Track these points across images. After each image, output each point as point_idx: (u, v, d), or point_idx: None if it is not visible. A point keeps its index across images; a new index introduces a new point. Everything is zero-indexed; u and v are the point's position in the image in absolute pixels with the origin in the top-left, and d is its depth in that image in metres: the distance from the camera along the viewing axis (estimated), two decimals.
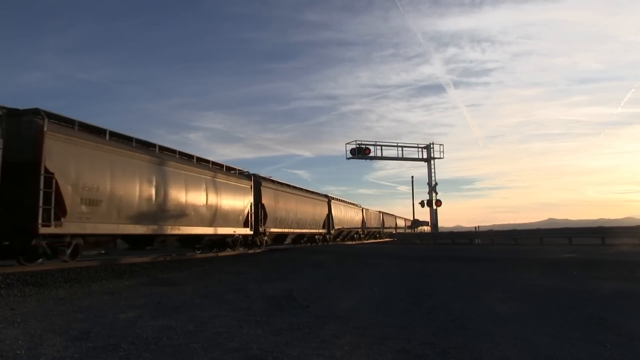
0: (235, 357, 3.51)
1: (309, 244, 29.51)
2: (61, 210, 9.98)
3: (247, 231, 19.48)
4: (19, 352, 3.59)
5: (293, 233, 26.40)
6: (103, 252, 14.98)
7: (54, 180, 9.71)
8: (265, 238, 22.00)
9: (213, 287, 7.87)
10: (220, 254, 17.81)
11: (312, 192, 30.36)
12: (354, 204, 40.71)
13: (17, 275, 8.74)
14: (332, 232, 33.09)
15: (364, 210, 43.16)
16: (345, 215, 36.66)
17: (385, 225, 52.42)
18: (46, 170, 9.56)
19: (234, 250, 18.86)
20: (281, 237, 25.35)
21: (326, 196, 32.68)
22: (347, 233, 38.60)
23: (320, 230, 30.85)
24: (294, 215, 25.54)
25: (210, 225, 16.53)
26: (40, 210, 9.44)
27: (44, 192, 9.50)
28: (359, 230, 41.57)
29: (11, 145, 9.15)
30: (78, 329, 4.42)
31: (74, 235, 10.69)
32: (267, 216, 21.67)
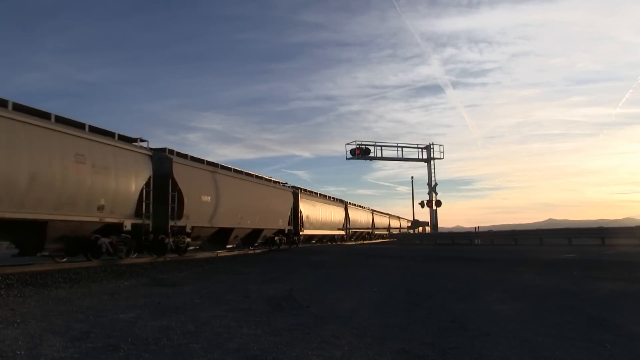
0: (235, 357, 3.51)
1: (329, 243, 32.83)
2: (182, 210, 14.17)
3: (290, 228, 24.34)
4: (18, 352, 3.59)
5: (321, 233, 30.04)
6: (197, 247, 17.37)
7: (177, 188, 14.00)
8: (302, 237, 27.18)
9: (213, 288, 7.87)
10: (220, 254, 17.80)
11: (334, 199, 34.14)
12: (364, 207, 42.92)
13: (17, 275, 8.74)
14: (350, 232, 36.31)
15: (373, 213, 45.16)
16: (359, 218, 39.45)
17: (391, 226, 53.85)
18: (173, 182, 13.89)
19: (279, 247, 22.72)
20: (310, 237, 29.59)
21: (343, 201, 35.90)
22: (360, 234, 41.20)
23: (340, 232, 34.48)
24: (321, 218, 29.48)
25: (270, 222, 21.65)
26: (170, 208, 13.65)
27: (171, 196, 13.75)
28: (370, 230, 43.62)
29: (155, 169, 13.54)
30: (78, 329, 4.42)
31: (191, 228, 14.94)
32: (304, 219, 25.71)
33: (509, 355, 3.60)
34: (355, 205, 39.74)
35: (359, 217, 39.77)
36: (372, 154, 36.07)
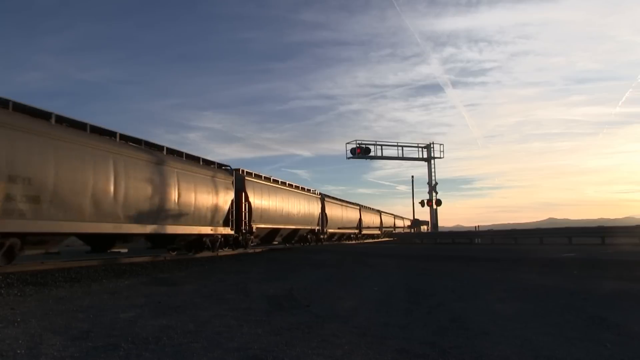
0: (235, 356, 3.51)
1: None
2: (252, 216, 20.20)
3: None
4: (19, 351, 3.59)
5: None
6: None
7: (248, 200, 19.67)
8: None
9: (213, 287, 7.87)
10: (220, 253, 17.80)
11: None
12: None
13: (17, 274, 8.74)
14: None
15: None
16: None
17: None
18: (246, 196, 19.46)
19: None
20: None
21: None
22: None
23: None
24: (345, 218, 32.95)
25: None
26: (246, 214, 19.62)
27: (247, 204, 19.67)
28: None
29: (236, 183, 18.98)
30: (78, 328, 4.42)
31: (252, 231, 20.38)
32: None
33: (509, 355, 3.60)
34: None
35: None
36: (372, 153, 36.16)
